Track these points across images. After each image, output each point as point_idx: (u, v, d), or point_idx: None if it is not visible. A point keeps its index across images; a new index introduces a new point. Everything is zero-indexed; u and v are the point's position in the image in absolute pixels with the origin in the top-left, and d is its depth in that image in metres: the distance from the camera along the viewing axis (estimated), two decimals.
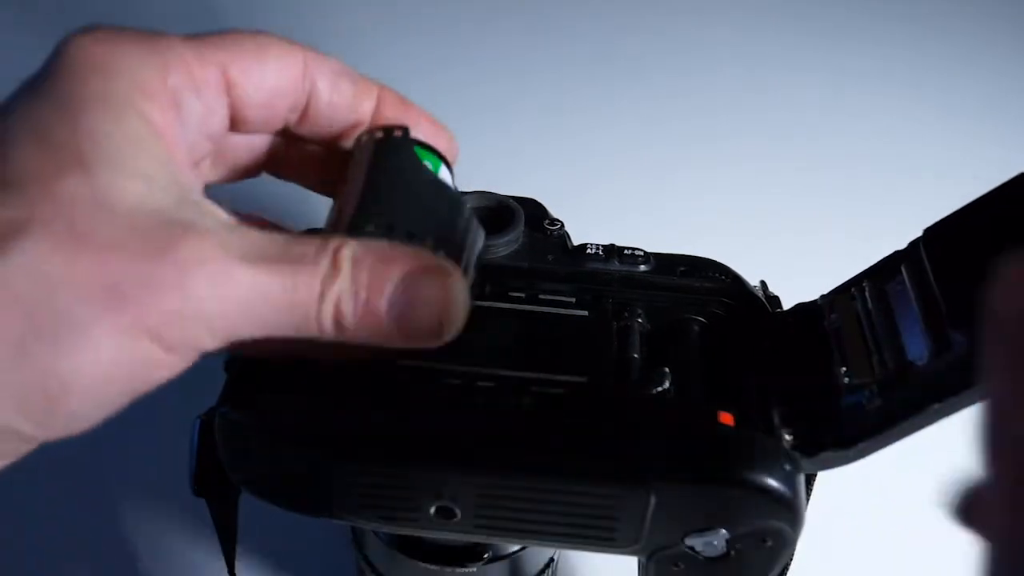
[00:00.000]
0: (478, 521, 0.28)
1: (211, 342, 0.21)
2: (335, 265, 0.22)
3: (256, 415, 0.27)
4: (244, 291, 0.21)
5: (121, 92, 0.21)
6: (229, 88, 0.23)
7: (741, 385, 0.30)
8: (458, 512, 0.27)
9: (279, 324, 0.22)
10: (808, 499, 0.29)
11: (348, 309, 0.22)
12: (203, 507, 0.39)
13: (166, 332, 0.20)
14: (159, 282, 0.20)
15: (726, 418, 0.28)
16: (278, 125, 0.25)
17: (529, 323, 0.30)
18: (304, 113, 0.25)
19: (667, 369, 0.29)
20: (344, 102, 0.25)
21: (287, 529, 0.49)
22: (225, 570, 0.42)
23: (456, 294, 0.24)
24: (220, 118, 0.24)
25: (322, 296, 0.22)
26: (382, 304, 0.22)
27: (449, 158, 0.28)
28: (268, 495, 0.29)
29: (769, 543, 0.28)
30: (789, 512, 0.27)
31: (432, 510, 0.28)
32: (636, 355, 0.30)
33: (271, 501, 0.29)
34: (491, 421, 0.27)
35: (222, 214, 0.22)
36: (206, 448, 0.33)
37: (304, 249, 0.22)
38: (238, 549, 0.42)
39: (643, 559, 0.29)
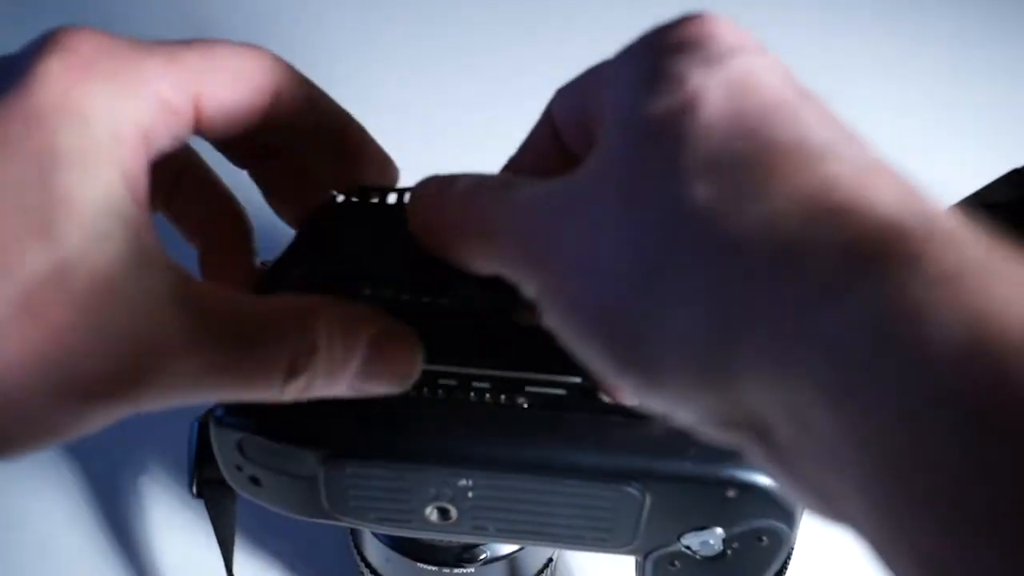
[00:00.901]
0: (475, 522, 0.28)
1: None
2: (301, 353, 0.22)
3: (252, 417, 0.27)
4: (204, 388, 0.22)
5: (98, 145, 0.20)
6: (198, 117, 0.23)
7: None
8: (455, 513, 0.28)
9: (240, 397, 0.23)
10: None
11: (313, 384, 0.23)
12: (202, 508, 0.39)
13: (118, 409, 0.21)
14: (115, 377, 0.20)
15: None
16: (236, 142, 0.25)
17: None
18: (262, 129, 0.25)
19: None
20: (306, 128, 0.25)
21: (286, 529, 0.49)
22: (224, 570, 0.43)
23: (415, 355, 0.25)
24: (184, 146, 0.23)
25: (288, 377, 0.22)
26: (346, 376, 0.24)
27: (388, 183, 0.28)
28: (264, 497, 0.29)
29: (765, 542, 0.28)
30: (785, 511, 0.27)
31: (429, 511, 0.28)
32: None
33: (267, 504, 0.29)
34: (487, 421, 0.27)
35: (179, 278, 0.21)
36: (204, 450, 0.33)
37: (269, 333, 0.22)
38: (237, 550, 0.42)
39: (640, 559, 0.29)
